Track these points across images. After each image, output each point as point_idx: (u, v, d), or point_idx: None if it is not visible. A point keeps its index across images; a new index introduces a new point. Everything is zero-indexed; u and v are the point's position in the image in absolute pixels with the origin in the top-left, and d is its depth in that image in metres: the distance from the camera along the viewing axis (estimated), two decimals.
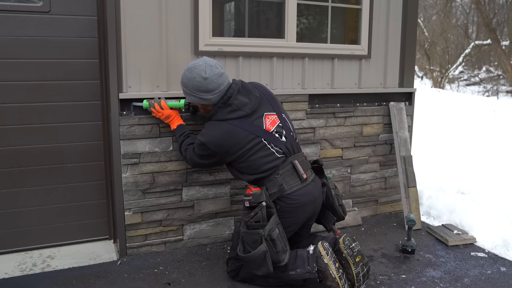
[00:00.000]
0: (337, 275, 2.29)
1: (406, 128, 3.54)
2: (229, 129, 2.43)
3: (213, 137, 2.44)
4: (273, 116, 2.53)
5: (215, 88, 2.43)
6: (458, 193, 4.12)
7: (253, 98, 2.49)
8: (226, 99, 2.45)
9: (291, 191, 2.44)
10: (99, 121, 2.90)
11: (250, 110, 2.46)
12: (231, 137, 2.42)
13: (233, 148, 2.43)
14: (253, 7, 3.21)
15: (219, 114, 2.47)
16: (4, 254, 2.82)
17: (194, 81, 2.43)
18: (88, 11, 2.76)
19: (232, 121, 2.44)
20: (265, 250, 2.28)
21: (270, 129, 2.49)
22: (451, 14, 19.66)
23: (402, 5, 3.48)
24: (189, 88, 2.47)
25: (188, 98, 2.54)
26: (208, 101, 2.47)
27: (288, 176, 2.46)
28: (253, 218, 2.34)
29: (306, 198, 2.48)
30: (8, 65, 2.66)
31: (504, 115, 9.22)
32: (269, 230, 2.30)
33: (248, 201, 2.39)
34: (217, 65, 2.47)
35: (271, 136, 2.48)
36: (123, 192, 2.79)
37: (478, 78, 17.35)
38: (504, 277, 2.70)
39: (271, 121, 2.51)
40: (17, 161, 2.77)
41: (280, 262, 2.32)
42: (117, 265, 2.75)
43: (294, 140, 2.59)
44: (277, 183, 2.44)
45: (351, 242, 2.39)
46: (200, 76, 2.41)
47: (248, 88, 2.53)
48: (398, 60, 3.55)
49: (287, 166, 2.47)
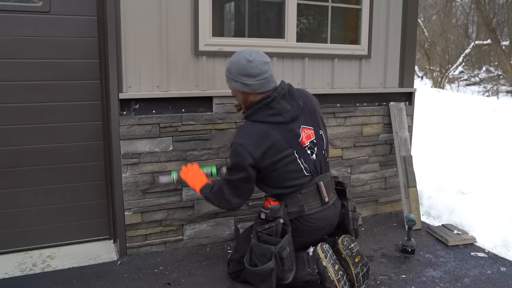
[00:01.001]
0: (335, 278, 2.28)
1: (406, 128, 3.54)
2: (266, 130, 2.30)
3: (249, 137, 2.30)
4: (310, 131, 2.42)
5: (258, 73, 2.32)
6: (458, 193, 4.12)
7: (296, 107, 2.38)
8: (269, 101, 2.33)
9: (309, 212, 2.39)
10: (99, 121, 2.90)
11: (290, 118, 2.35)
12: (268, 139, 2.29)
13: (268, 152, 2.29)
14: (253, 7, 3.21)
15: (258, 115, 2.35)
16: (4, 254, 2.82)
17: (238, 64, 2.34)
18: (88, 11, 2.76)
19: (270, 125, 2.32)
20: (272, 268, 2.26)
21: (304, 143, 2.38)
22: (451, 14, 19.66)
23: (402, 5, 3.48)
24: (233, 72, 2.36)
25: (230, 84, 2.42)
26: (249, 87, 2.34)
27: (310, 196, 2.39)
28: (266, 230, 2.29)
29: (324, 223, 2.44)
30: (8, 65, 2.66)
31: (504, 115, 9.21)
32: (281, 247, 2.27)
33: (265, 214, 2.34)
34: (264, 54, 2.39)
35: (303, 151, 2.37)
36: (123, 192, 2.79)
37: (478, 78, 17.35)
38: (504, 277, 2.70)
39: (306, 135, 2.39)
40: (17, 161, 2.77)
41: (284, 280, 2.31)
42: (117, 265, 2.75)
43: (325, 160, 2.48)
44: (297, 203, 2.37)
45: (350, 242, 2.38)
46: (245, 58, 2.33)
47: (293, 95, 2.40)
48: (398, 60, 3.55)
49: (311, 187, 2.39)
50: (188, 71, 2.87)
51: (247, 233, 2.62)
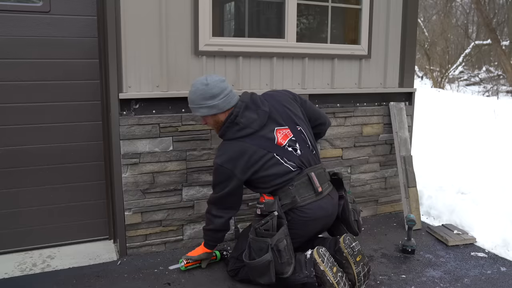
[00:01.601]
0: (334, 281, 2.28)
1: (406, 128, 3.54)
2: (240, 147, 2.40)
3: (227, 156, 2.40)
4: (285, 130, 2.49)
5: (219, 92, 2.42)
6: (458, 193, 4.12)
7: (262, 114, 2.45)
8: (233, 118, 2.42)
9: (304, 203, 2.42)
10: (99, 121, 2.90)
11: (259, 126, 2.43)
12: (244, 153, 2.39)
13: (247, 164, 2.39)
14: (253, 7, 3.21)
15: (228, 133, 2.45)
16: (4, 254, 2.82)
17: (197, 92, 2.43)
18: (88, 11, 2.76)
19: (242, 138, 2.41)
20: (270, 260, 2.28)
21: (282, 143, 2.45)
22: (451, 14, 19.65)
23: (402, 5, 3.48)
24: (196, 101, 2.45)
25: (198, 112, 2.49)
26: (216, 108, 2.43)
27: (302, 188, 2.43)
28: (263, 226, 2.33)
29: (319, 213, 2.46)
30: (8, 65, 2.66)
31: (504, 115, 9.21)
32: (277, 240, 2.29)
33: (260, 209, 2.39)
34: (217, 75, 2.50)
35: (283, 150, 2.44)
36: (123, 192, 2.79)
37: (478, 78, 17.34)
38: (504, 277, 2.69)
39: (283, 136, 2.47)
40: (17, 161, 2.77)
41: (283, 273, 2.32)
42: (117, 265, 2.75)
43: (311, 152, 2.54)
44: (290, 195, 2.42)
45: (351, 241, 2.39)
46: (202, 83, 2.44)
47: (257, 103, 2.48)
48: (398, 60, 3.55)
49: (303, 178, 2.44)
50: (188, 71, 2.87)
51: (246, 231, 2.63)
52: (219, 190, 2.47)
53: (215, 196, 2.50)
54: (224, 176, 2.42)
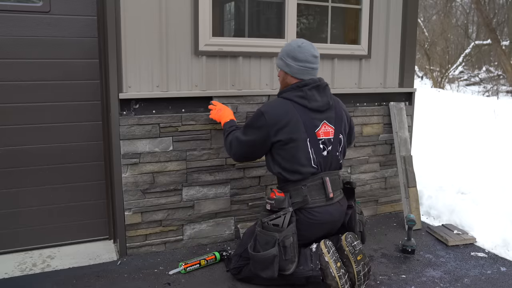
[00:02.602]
0: (337, 274, 2.29)
1: (406, 128, 3.54)
2: (289, 108, 2.46)
3: (275, 108, 2.47)
4: (330, 129, 2.53)
5: (302, 59, 2.49)
6: (458, 193, 4.12)
7: (325, 101, 2.52)
8: (301, 84, 2.49)
9: (313, 205, 2.44)
10: (99, 121, 2.90)
11: (315, 108, 2.48)
12: (289, 116, 2.43)
13: (284, 128, 2.42)
14: (253, 7, 3.21)
15: (288, 93, 2.51)
16: (4, 254, 2.82)
17: (289, 46, 2.54)
18: (88, 11, 2.76)
19: (295, 104, 2.47)
20: (275, 254, 2.29)
21: (320, 135, 2.49)
22: (451, 14, 19.65)
23: (402, 5, 3.48)
24: (282, 52, 2.56)
25: (277, 62, 2.60)
26: (289, 68, 2.51)
27: (314, 190, 2.46)
28: (273, 220, 2.34)
29: (326, 217, 2.47)
30: (8, 65, 2.66)
31: (504, 115, 9.21)
32: (285, 236, 2.30)
33: (270, 205, 2.41)
34: (316, 50, 2.56)
35: (316, 142, 2.47)
36: (123, 192, 2.79)
37: (478, 78, 17.34)
38: (504, 277, 2.70)
39: (325, 131, 2.51)
40: (17, 161, 2.77)
41: (286, 270, 2.33)
42: (117, 265, 2.75)
43: (337, 160, 2.57)
44: (302, 194, 2.44)
45: (353, 240, 2.40)
46: (297, 43, 2.53)
47: (327, 92, 2.56)
48: (398, 60, 3.55)
49: (317, 181, 2.47)
50: (188, 71, 2.87)
51: (251, 229, 2.64)
52: (248, 134, 2.51)
53: (241, 138, 2.53)
54: (259, 124, 2.46)
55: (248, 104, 3.03)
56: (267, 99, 3.07)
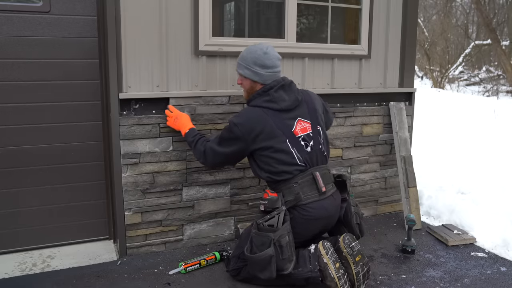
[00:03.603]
0: (336, 275, 2.29)
1: (406, 128, 3.54)
2: (260, 116, 2.46)
3: (246, 118, 2.47)
4: (307, 124, 2.54)
5: (271, 66, 2.51)
6: (458, 193, 4.12)
7: (293, 98, 2.52)
8: (266, 89, 2.50)
9: (306, 201, 2.44)
10: (99, 121, 2.90)
11: (285, 107, 2.49)
12: (261, 122, 2.44)
13: (261, 135, 2.44)
14: (253, 7, 3.21)
15: (256, 100, 2.52)
16: (4, 254, 2.82)
17: (254, 54, 2.52)
18: (88, 11, 2.76)
19: (266, 110, 2.48)
20: (271, 255, 2.29)
21: (298, 133, 2.49)
22: (451, 14, 19.65)
23: (402, 5, 3.48)
24: (247, 61, 2.53)
25: (241, 71, 2.57)
26: (259, 77, 2.51)
27: (306, 186, 2.46)
28: (268, 221, 2.34)
29: (321, 212, 2.47)
30: (8, 65, 2.66)
31: (504, 115, 9.21)
32: (280, 236, 2.30)
33: (264, 206, 2.42)
34: (277, 52, 2.59)
35: (296, 141, 2.48)
36: (123, 192, 2.79)
37: (478, 78, 17.34)
38: (504, 277, 2.70)
39: (302, 127, 2.52)
40: (17, 161, 2.77)
41: (284, 270, 2.32)
42: (117, 265, 2.75)
43: (322, 153, 2.57)
44: (294, 192, 2.44)
45: (351, 241, 2.39)
46: (261, 50, 2.52)
47: (293, 89, 2.56)
48: (398, 60, 3.55)
49: (307, 177, 2.47)
50: (188, 71, 2.87)
51: (248, 229, 2.63)
52: (224, 146, 2.52)
53: (217, 149, 2.54)
54: (234, 136, 2.47)
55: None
56: None
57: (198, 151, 2.62)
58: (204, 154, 2.59)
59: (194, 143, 2.64)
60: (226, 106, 2.96)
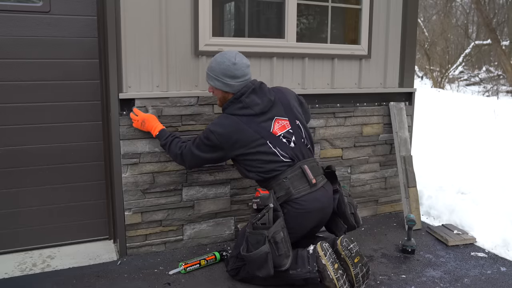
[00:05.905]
0: (334, 276, 2.28)
1: (406, 128, 3.54)
2: (236, 124, 2.47)
3: (223, 126, 2.47)
4: (284, 121, 2.54)
5: (240, 75, 2.50)
6: (458, 193, 4.12)
7: (266, 100, 2.52)
8: (238, 96, 2.50)
9: (299, 195, 2.44)
10: (99, 121, 2.90)
11: (260, 111, 2.49)
12: (238, 131, 2.45)
13: (238, 142, 2.46)
14: (253, 7, 3.21)
15: (229, 108, 2.52)
16: (4, 254, 2.82)
17: (222, 65, 2.50)
18: (88, 11, 2.76)
19: (241, 117, 2.48)
20: (267, 251, 2.29)
21: (277, 133, 2.50)
22: (451, 14, 19.65)
23: (402, 5, 3.48)
24: (216, 72, 2.52)
25: (212, 82, 2.56)
26: (230, 87, 2.51)
27: (296, 180, 2.46)
28: (260, 220, 2.34)
29: (314, 204, 2.47)
30: (8, 65, 2.66)
31: (504, 115, 9.21)
32: (274, 232, 2.31)
33: (256, 204, 2.42)
34: (245, 57, 2.57)
35: (277, 140, 2.48)
36: (123, 192, 2.79)
37: (478, 78, 17.34)
38: (504, 277, 2.70)
39: (280, 126, 2.52)
40: (17, 161, 2.76)
41: (281, 266, 2.33)
42: (117, 265, 2.75)
43: (305, 147, 2.58)
44: (284, 187, 2.45)
45: (349, 243, 2.38)
46: (230, 61, 2.49)
47: (264, 90, 2.55)
48: (398, 60, 3.55)
49: (296, 171, 2.47)
50: (188, 71, 2.87)
51: (244, 229, 2.63)
52: (202, 151, 2.52)
53: (195, 152, 2.53)
54: (211, 143, 2.48)
55: None
56: None
57: (173, 153, 2.62)
58: (181, 156, 2.58)
59: (168, 145, 2.63)
60: None
